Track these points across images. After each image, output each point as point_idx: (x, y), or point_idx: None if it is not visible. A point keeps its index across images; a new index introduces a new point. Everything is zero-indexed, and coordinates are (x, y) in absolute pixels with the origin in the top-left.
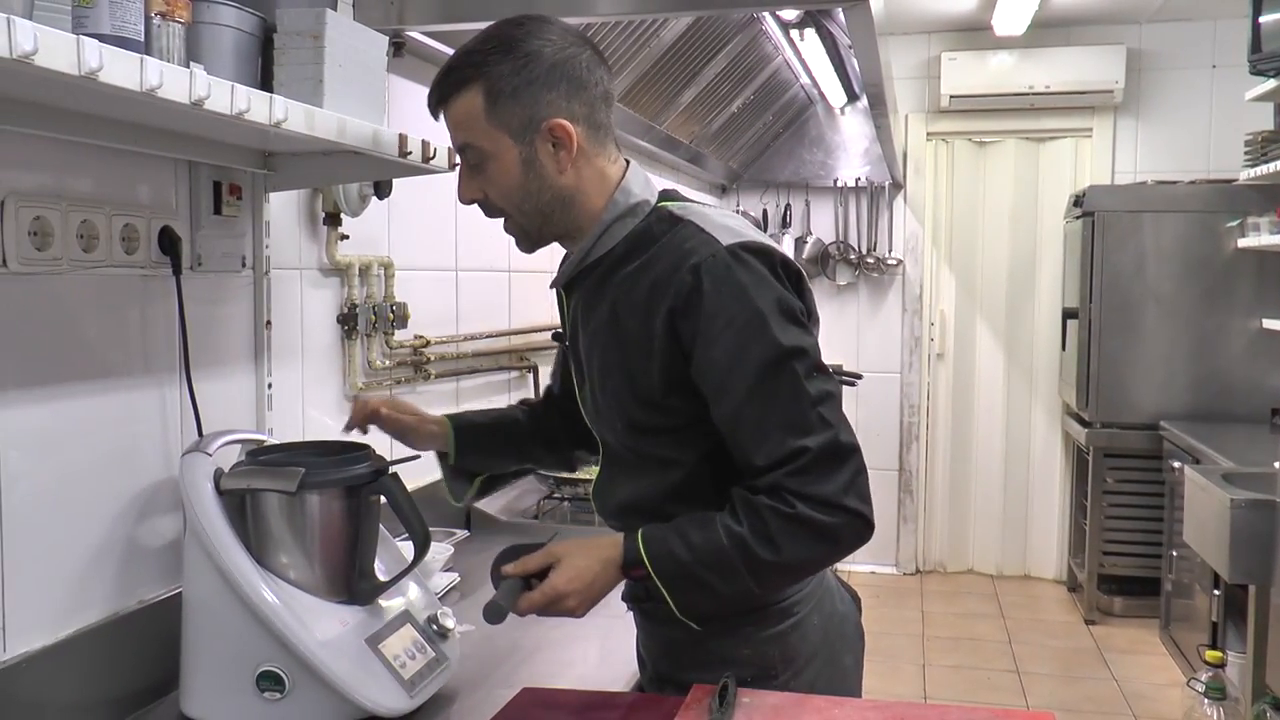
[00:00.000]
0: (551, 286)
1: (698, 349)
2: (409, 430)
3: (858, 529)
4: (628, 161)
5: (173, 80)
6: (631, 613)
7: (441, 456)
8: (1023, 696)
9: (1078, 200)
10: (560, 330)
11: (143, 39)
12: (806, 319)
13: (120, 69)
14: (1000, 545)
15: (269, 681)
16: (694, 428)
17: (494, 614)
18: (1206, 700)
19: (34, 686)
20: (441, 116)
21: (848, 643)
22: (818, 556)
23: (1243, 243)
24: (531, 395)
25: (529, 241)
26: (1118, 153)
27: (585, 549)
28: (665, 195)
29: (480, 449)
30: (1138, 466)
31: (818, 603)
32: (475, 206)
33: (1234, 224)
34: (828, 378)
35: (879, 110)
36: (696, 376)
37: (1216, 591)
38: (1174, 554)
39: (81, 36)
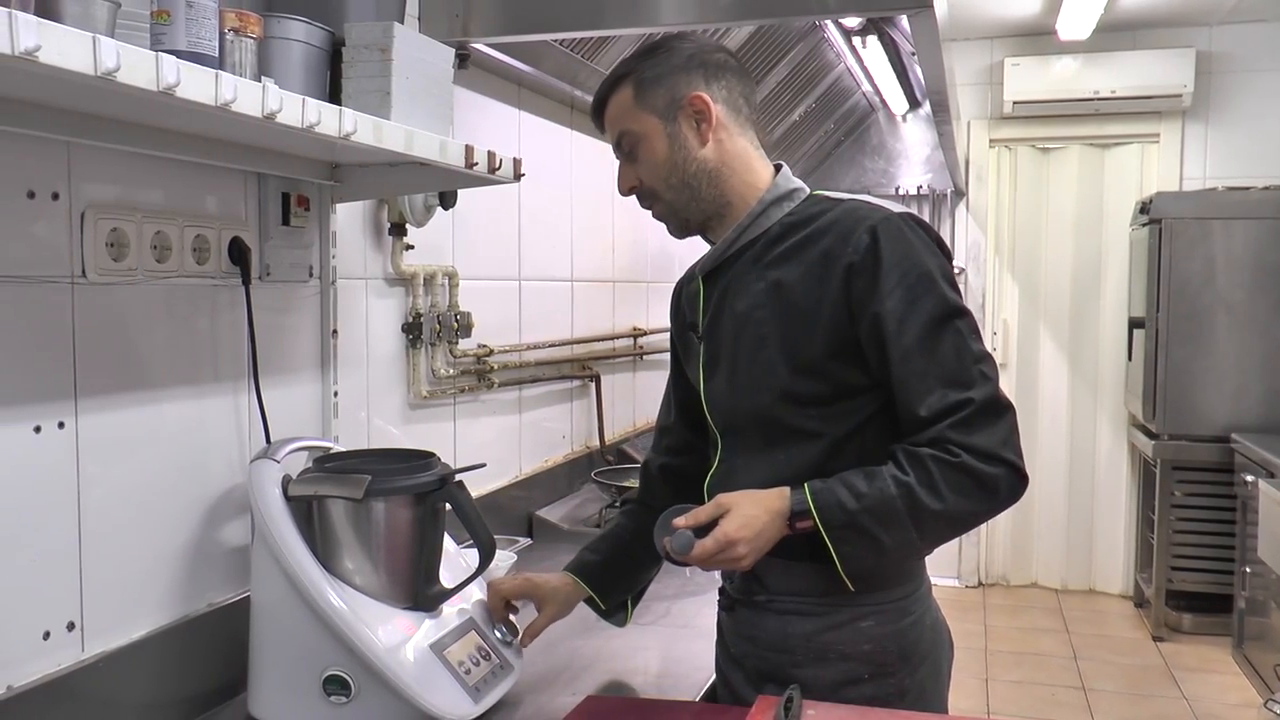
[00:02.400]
0: (699, 272)
1: (871, 303)
2: (543, 604)
3: (1013, 482)
4: (779, 165)
5: (246, 94)
6: (721, 613)
7: (590, 603)
8: (1089, 714)
9: (1144, 207)
10: (693, 325)
11: (217, 54)
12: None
13: (196, 84)
14: (1065, 559)
15: (335, 685)
16: (845, 401)
17: (684, 545)
18: None
19: (110, 685)
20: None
21: (945, 650)
22: (978, 508)
23: None
24: (596, 421)
25: (678, 221)
26: (1186, 158)
27: (753, 499)
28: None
29: (617, 580)
30: (1208, 480)
31: (928, 606)
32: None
33: None
34: (983, 343)
35: (941, 117)
36: (866, 331)
37: None
38: (1247, 570)
39: (160, 53)
